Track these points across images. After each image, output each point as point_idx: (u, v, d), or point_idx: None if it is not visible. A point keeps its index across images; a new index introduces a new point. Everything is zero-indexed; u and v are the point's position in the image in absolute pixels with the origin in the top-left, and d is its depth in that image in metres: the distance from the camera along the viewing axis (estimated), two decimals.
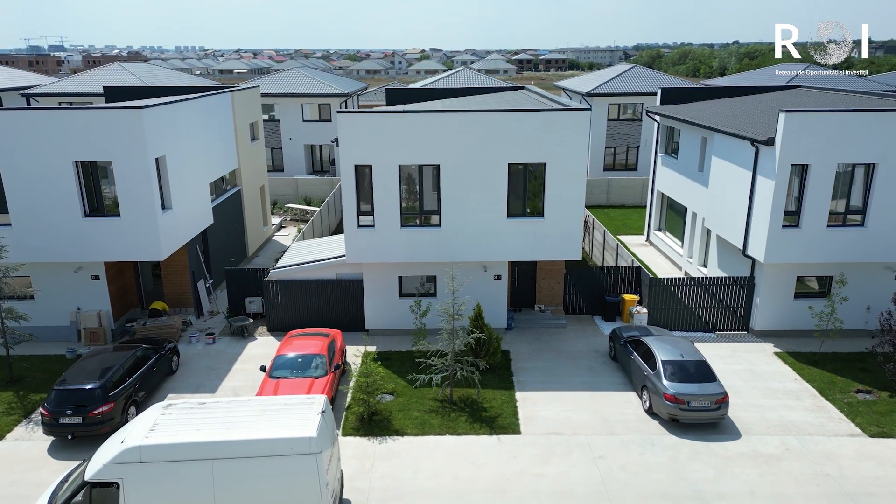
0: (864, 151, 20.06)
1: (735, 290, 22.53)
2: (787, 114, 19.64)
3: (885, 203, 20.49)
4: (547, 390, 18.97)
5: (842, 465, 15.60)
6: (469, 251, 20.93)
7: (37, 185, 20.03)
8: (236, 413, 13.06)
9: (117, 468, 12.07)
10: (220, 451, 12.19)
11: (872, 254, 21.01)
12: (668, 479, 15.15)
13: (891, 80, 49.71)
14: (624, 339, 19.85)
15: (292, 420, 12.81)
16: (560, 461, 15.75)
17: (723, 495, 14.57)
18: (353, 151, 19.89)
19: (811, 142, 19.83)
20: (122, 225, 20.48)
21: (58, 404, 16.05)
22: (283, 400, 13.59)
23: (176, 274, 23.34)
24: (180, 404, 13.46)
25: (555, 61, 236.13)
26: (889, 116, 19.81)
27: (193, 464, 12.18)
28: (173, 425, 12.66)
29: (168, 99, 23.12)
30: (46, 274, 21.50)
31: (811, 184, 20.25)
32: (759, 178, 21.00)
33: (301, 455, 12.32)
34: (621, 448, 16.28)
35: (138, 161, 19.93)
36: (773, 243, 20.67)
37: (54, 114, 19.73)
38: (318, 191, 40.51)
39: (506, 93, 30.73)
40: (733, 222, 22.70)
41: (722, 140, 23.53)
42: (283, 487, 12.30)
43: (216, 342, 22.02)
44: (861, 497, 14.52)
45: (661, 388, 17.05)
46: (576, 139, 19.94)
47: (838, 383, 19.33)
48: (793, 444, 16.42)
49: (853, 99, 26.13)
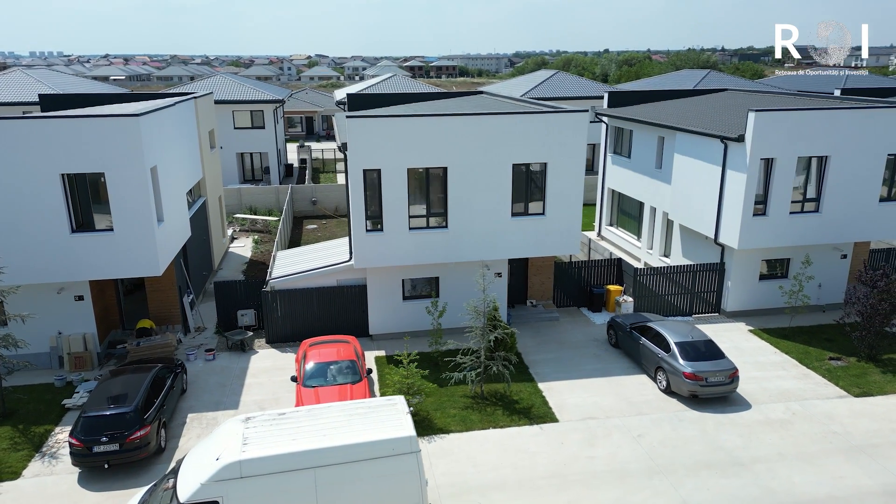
0: (819, 145, 22.52)
1: (708, 276, 24.50)
2: (757, 113, 21.71)
3: (835, 191, 23.08)
4: (565, 379, 19.85)
5: (843, 423, 17.56)
6: (475, 251, 21.47)
7: (17, 201, 18.47)
8: (324, 420, 12.90)
9: (217, 486, 11.63)
10: (322, 458, 12.04)
11: (826, 236, 23.58)
12: (705, 449, 16.43)
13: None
14: (628, 326, 21.11)
15: (384, 422, 12.85)
16: (605, 443, 16.65)
17: (758, 459, 16.02)
18: (362, 156, 19.90)
19: (776, 137, 22.02)
20: (116, 240, 19.29)
21: (89, 432, 15.00)
22: (365, 403, 13.56)
23: (162, 290, 22.17)
24: (260, 417, 13.10)
25: (445, 68, 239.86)
26: (839, 114, 22.39)
27: (295, 474, 11.95)
28: (264, 437, 12.34)
29: (153, 105, 21.89)
30: (23, 297, 19.77)
31: (776, 176, 22.48)
32: (729, 172, 22.99)
33: (403, 455, 12.41)
34: (654, 426, 17.43)
35: (135, 171, 18.88)
36: (746, 231, 22.72)
37: (38, 123, 18.27)
38: (263, 200, 39.42)
39: (470, 97, 31.47)
40: (701, 214, 24.65)
41: (685, 138, 25.47)
42: (385, 489, 12.34)
43: (216, 358, 21.18)
44: (868, 448, 16.45)
45: (679, 368, 18.39)
46: (575, 140, 21.02)
47: (812, 353, 21.58)
48: (797, 409, 18.26)
49: (779, 99, 29.12)
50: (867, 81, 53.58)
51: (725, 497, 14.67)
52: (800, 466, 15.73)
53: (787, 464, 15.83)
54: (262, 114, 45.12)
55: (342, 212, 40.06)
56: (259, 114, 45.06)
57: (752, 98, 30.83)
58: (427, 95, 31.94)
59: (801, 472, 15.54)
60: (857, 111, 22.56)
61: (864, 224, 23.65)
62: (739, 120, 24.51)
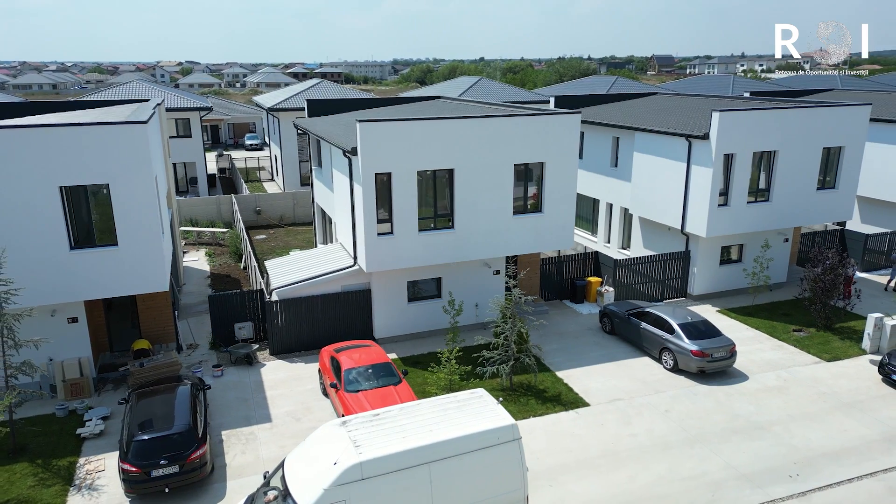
0: (770, 141, 25.14)
1: (676, 263, 26.56)
2: (721, 112, 23.93)
3: (783, 182, 25.81)
4: (577, 367, 20.92)
5: (828, 385, 19.85)
6: (480, 250, 22.09)
7: (10, 217, 16.96)
8: (422, 417, 13.07)
9: (340, 490, 11.55)
10: (436, 452, 12.25)
11: (775, 223, 26.30)
12: (726, 417, 18.04)
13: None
14: (625, 314, 22.54)
15: (480, 413, 13.22)
16: (639, 421, 17.84)
17: (772, 422, 17.82)
18: (374, 160, 19.97)
19: (736, 135, 24.36)
20: (121, 255, 18.15)
21: (146, 456, 14.16)
22: (453, 398, 13.83)
23: (156, 307, 20.99)
24: (355, 420, 13.05)
25: (330, 75, 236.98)
26: (787, 113, 25.14)
27: (411, 470, 12.08)
28: (373, 438, 12.35)
29: (143, 111, 20.67)
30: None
31: (736, 170, 24.84)
32: (694, 168, 25.09)
33: (507, 443, 12.86)
34: (674, 401, 18.86)
35: (142, 181, 17.88)
36: (713, 220, 24.91)
37: (34, 132, 16.88)
38: (204, 211, 37.73)
39: (430, 101, 31.98)
40: (666, 207, 26.70)
41: (645, 138, 27.46)
42: (492, 477, 12.73)
43: (224, 374, 20.38)
44: (856, 404, 18.75)
45: (686, 347, 19.99)
46: (569, 140, 22.21)
47: (778, 327, 24.05)
48: (786, 376, 20.39)
49: (707, 101, 32.00)
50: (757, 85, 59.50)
51: (760, 457, 16.26)
52: (809, 425, 17.68)
53: (797, 423, 17.73)
54: (188, 122, 43.09)
55: (288, 220, 39.20)
56: (186, 122, 43.01)
57: (681, 100, 33.59)
58: (385, 101, 32.16)
59: (811, 429, 17.48)
60: (801, 110, 25.43)
61: (805, 210, 26.61)
62: (689, 120, 26.85)
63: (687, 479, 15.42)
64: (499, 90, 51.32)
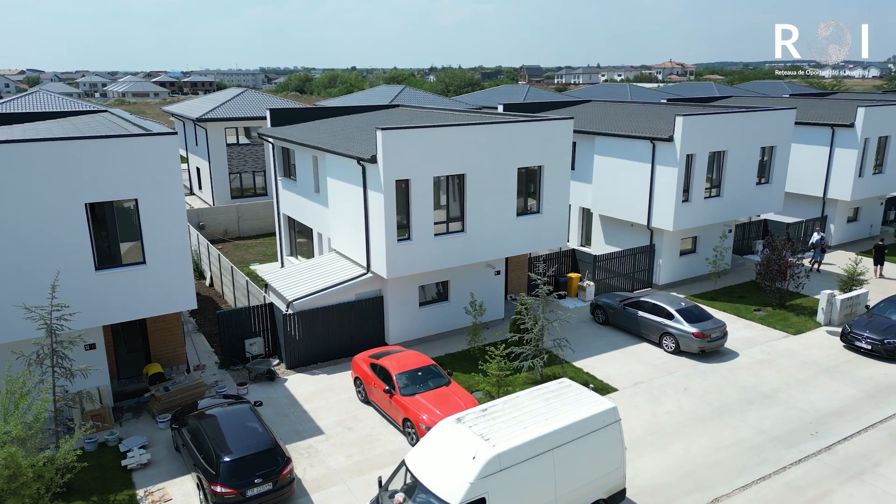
0: (722, 142, 27.93)
1: (643, 257, 28.73)
2: (684, 117, 26.33)
3: (731, 178, 28.71)
4: (590, 356, 22.24)
5: (805, 354, 22.51)
6: (487, 251, 22.89)
7: (30, 240, 15.65)
8: (529, 407, 13.71)
9: (484, 482, 11.98)
10: (557, 439, 12.98)
11: (725, 215, 29.19)
12: (736, 390, 20.04)
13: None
14: (620, 304, 24.19)
15: (579, 400, 14.09)
16: (666, 400, 19.41)
17: (776, 390, 20.03)
18: (395, 167, 20.23)
19: (696, 137, 26.87)
20: (148, 274, 17.21)
21: (240, 475, 13.72)
22: (546, 388, 14.59)
23: (167, 329, 19.87)
24: (469, 416, 13.45)
25: (201, 84, 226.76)
26: (734, 116, 28.06)
27: (538, 458, 12.73)
28: (496, 431, 12.84)
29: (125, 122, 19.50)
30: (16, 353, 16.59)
31: (695, 168, 27.38)
32: (658, 168, 27.34)
33: (611, 424, 13.84)
34: (688, 380, 20.65)
35: (171, 196, 17.09)
36: (678, 215, 27.28)
37: (59, 146, 15.66)
38: None
39: (393, 109, 32.25)
40: (630, 204, 28.84)
41: (605, 141, 29.49)
42: (600, 458, 13.65)
43: (249, 392, 19.73)
44: (833, 369, 21.45)
45: (688, 330, 21.90)
46: (564, 143, 23.59)
47: (741, 308, 26.76)
48: (768, 350, 22.87)
49: (643, 108, 34.73)
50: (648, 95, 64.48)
51: (781, 421, 18.31)
52: (805, 390, 20.07)
53: (796, 389, 20.06)
54: None
55: (233, 234, 37.80)
56: None
57: (619, 107, 36.23)
58: (345, 109, 32.06)
59: (809, 393, 19.86)
60: (745, 114, 28.46)
61: (747, 203, 29.75)
62: (639, 124, 29.16)
63: (731, 446, 17.10)
64: (422, 99, 52.17)
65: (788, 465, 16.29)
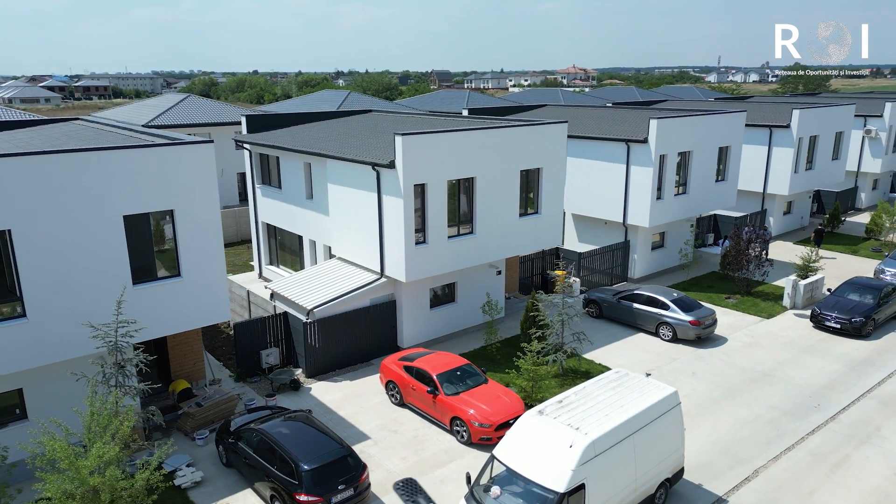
0: (687, 143, 29.89)
1: (620, 253, 30.26)
2: (658, 120, 28.02)
3: (695, 177, 30.75)
4: (596, 349, 23.29)
5: (785, 336, 24.57)
6: (494, 252, 23.53)
7: (66, 257, 14.84)
8: (601, 396, 14.48)
9: (584, 468, 12.61)
10: (636, 424, 13.80)
11: (691, 211, 31.24)
12: (738, 371, 21.68)
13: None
14: (614, 298, 25.46)
15: (642, 387, 15.00)
16: (679, 384, 20.66)
17: (772, 369, 21.82)
18: (414, 171, 20.50)
19: (667, 138, 28.64)
20: (185, 287, 16.65)
21: (324, 483, 13.66)
22: (608, 377, 15.42)
23: (187, 343, 19.22)
24: (548, 407, 14.03)
25: (95, 88, 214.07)
26: (698, 119, 30.09)
27: (623, 442, 13.50)
28: (582, 419, 13.52)
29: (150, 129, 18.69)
30: (46, 377, 15.66)
31: (667, 168, 29.17)
32: (633, 168, 28.93)
33: (674, 408, 14.82)
34: (692, 365, 22.11)
35: (208, 205, 16.62)
36: (653, 212, 28.97)
37: (97, 156, 14.92)
38: None
39: (366, 114, 32.22)
40: (604, 203, 30.31)
41: (578, 144, 30.82)
42: (666, 438, 14.61)
43: (277, 402, 19.40)
44: (813, 348, 23.57)
45: (685, 319, 23.42)
46: (560, 146, 24.59)
47: (713, 297, 28.74)
48: (750, 333, 24.79)
49: (601, 112, 36.52)
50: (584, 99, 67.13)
51: (785, 397, 20.01)
52: (796, 367, 21.98)
53: (789, 368, 21.94)
54: None
55: None
56: None
57: (574, 111, 37.88)
58: (318, 116, 31.75)
59: (800, 370, 21.77)
60: (707, 116, 30.58)
61: (709, 200, 31.94)
62: (614, 126, 30.75)
63: (751, 422, 18.58)
64: (370, 103, 52.12)
65: (806, 436, 17.92)
